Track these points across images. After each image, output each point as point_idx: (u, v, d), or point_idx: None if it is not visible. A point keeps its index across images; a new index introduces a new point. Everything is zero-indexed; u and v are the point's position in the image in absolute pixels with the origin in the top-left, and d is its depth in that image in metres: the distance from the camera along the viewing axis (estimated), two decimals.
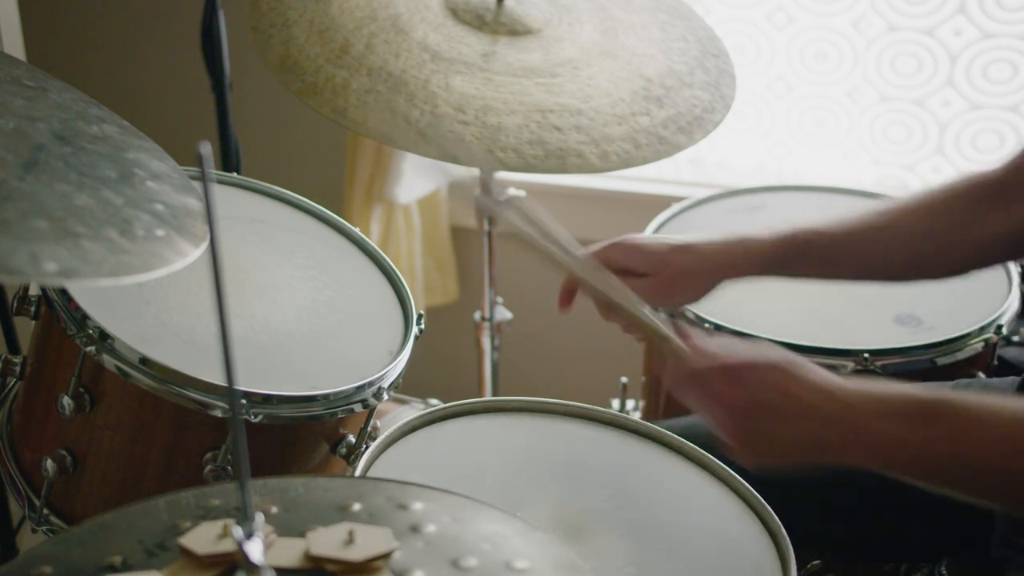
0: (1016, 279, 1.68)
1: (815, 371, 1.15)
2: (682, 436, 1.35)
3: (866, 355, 1.54)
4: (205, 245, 1.06)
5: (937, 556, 1.41)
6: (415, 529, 0.88)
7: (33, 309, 1.36)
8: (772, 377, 1.14)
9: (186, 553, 0.83)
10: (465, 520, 0.91)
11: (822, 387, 1.13)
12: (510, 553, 0.87)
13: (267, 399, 1.28)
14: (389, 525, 0.87)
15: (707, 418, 1.18)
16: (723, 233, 1.43)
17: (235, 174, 1.69)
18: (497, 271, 1.93)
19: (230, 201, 1.55)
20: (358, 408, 1.34)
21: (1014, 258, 1.60)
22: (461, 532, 0.89)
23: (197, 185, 1.19)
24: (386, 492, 0.94)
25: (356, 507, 0.91)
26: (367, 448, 1.28)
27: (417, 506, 0.92)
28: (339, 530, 0.85)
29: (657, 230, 1.80)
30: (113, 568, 0.84)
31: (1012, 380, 1.47)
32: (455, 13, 1.65)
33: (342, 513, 0.90)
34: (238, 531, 0.80)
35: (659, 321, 1.27)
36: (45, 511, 1.36)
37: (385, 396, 1.37)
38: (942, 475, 1.12)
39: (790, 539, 1.21)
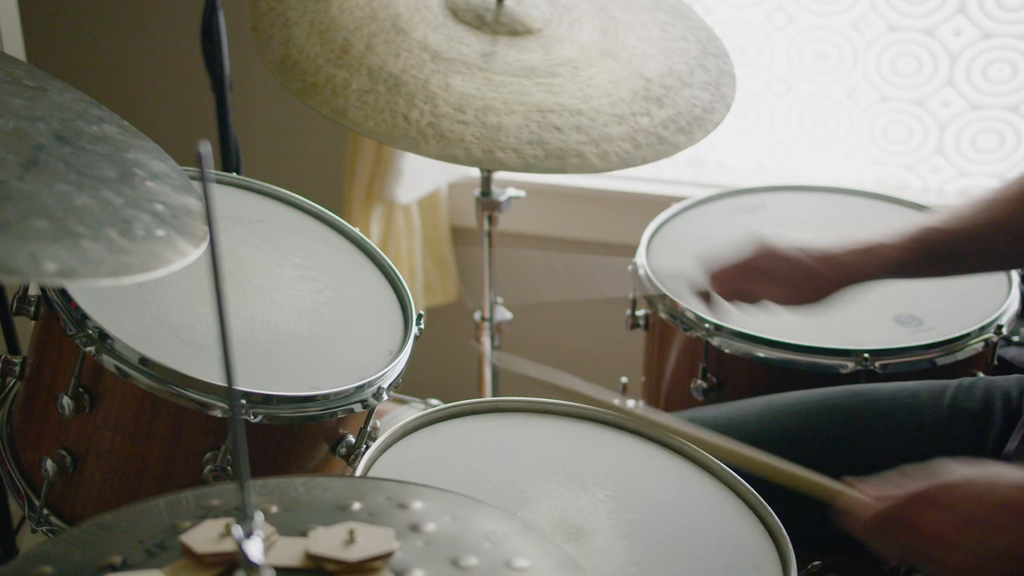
0: (1016, 279, 1.68)
1: (1006, 471, 1.09)
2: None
3: (866, 355, 1.54)
4: (205, 245, 1.06)
5: None
6: (415, 528, 0.88)
7: (33, 309, 1.36)
8: (974, 489, 1.07)
9: (187, 552, 0.83)
10: (465, 519, 0.91)
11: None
12: (510, 552, 0.87)
13: (267, 399, 1.28)
14: (389, 524, 0.87)
15: (918, 557, 1.10)
16: (852, 239, 1.42)
17: (235, 174, 1.69)
18: (497, 271, 1.93)
19: (230, 201, 1.55)
20: (358, 408, 1.34)
21: None
22: (461, 531, 0.89)
23: (197, 185, 1.19)
24: (386, 491, 0.94)
25: (356, 506, 0.91)
26: (367, 448, 1.28)
27: (417, 505, 0.92)
28: (340, 530, 0.85)
29: (657, 230, 1.80)
30: (113, 568, 0.84)
31: (1012, 379, 1.47)
32: (455, 13, 1.65)
33: (342, 513, 0.90)
34: (238, 530, 0.80)
35: (825, 479, 1.20)
36: (45, 511, 1.36)
37: (385, 396, 1.37)
38: None
39: (790, 539, 1.22)
